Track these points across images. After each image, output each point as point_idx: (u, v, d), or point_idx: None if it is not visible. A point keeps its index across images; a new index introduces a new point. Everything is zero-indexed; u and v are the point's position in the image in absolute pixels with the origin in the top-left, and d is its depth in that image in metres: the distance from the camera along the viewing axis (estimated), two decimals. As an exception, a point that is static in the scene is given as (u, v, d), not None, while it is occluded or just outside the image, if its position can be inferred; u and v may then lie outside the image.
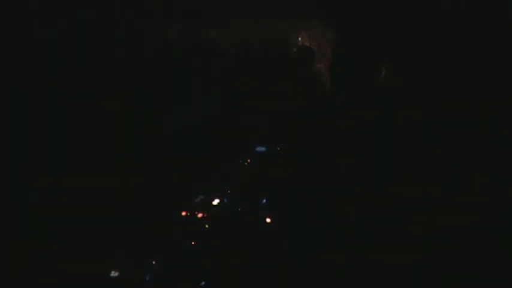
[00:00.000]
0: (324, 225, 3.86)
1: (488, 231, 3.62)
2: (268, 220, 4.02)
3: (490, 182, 3.73)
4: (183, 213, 4.09)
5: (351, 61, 4.25)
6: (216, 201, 4.15)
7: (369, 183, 3.91)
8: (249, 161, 4.47)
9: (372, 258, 3.67)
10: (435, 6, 3.99)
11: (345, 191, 3.94)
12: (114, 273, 3.69)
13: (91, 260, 3.77)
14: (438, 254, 3.62)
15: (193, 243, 3.88)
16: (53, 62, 4.61)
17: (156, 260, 3.77)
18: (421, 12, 4.01)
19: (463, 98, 3.87)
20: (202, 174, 4.31)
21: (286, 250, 3.81)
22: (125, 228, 3.88)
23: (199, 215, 4.09)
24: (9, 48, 4.43)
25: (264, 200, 4.14)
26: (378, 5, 4.14)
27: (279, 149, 4.49)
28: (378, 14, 4.13)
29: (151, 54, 4.82)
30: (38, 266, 3.63)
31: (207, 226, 4.02)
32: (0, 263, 3.60)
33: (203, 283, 3.70)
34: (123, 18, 5.02)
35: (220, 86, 4.93)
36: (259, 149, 4.51)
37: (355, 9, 4.23)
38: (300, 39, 4.91)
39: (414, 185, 3.81)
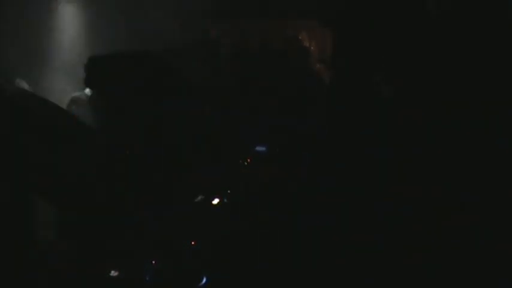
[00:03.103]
0: (324, 225, 3.86)
1: (488, 231, 3.62)
2: (267, 220, 4.02)
3: (490, 182, 3.72)
4: (184, 213, 4.09)
5: (351, 61, 4.25)
6: (216, 201, 4.15)
7: (368, 183, 3.91)
8: (249, 161, 4.47)
9: (372, 258, 3.67)
10: (435, 7, 3.99)
11: (345, 191, 3.94)
12: (114, 273, 3.69)
13: (91, 260, 3.77)
14: (438, 253, 3.62)
15: (193, 243, 3.88)
16: (51, 60, 4.63)
17: (156, 260, 3.76)
18: (421, 13, 4.01)
19: (463, 98, 3.87)
20: (202, 174, 4.31)
21: (286, 250, 3.81)
22: (125, 228, 3.88)
23: (200, 215, 4.09)
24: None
25: (264, 200, 4.14)
26: (378, 5, 4.14)
27: (278, 149, 4.49)
28: (378, 14, 4.13)
29: (151, 54, 4.82)
30: (37, 266, 3.63)
31: (207, 226, 4.02)
32: (0, 263, 3.60)
33: (203, 283, 3.70)
34: (124, 18, 5.02)
35: (220, 86, 4.93)
36: (259, 149, 4.51)
37: (355, 9, 4.23)
38: (300, 39, 4.92)
39: (414, 185, 3.81)
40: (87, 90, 4.41)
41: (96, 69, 4.55)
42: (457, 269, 3.55)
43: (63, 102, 4.43)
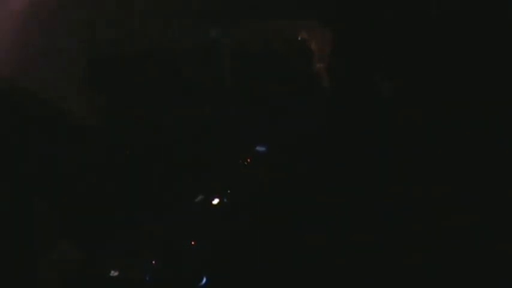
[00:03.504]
0: (324, 224, 3.86)
1: (488, 231, 3.62)
2: (268, 220, 4.02)
3: (490, 182, 3.72)
4: (184, 213, 4.09)
5: (351, 61, 4.25)
6: (216, 201, 4.15)
7: (369, 183, 3.91)
8: (249, 161, 4.47)
9: (372, 258, 3.67)
10: (436, 6, 3.99)
11: (345, 191, 3.94)
12: (114, 273, 3.69)
13: (91, 260, 3.77)
14: (438, 253, 3.62)
15: (193, 243, 3.88)
16: (51, 59, 4.61)
17: (156, 260, 3.76)
18: (421, 12, 4.01)
19: (463, 98, 3.87)
20: (201, 174, 4.31)
21: (286, 250, 3.81)
22: (125, 228, 3.88)
23: (200, 215, 4.09)
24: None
25: (264, 200, 4.14)
26: (378, 4, 4.14)
27: (278, 149, 4.49)
28: (377, 14, 4.13)
29: (151, 54, 4.82)
30: (37, 266, 3.63)
31: (207, 226, 4.02)
32: (0, 263, 3.60)
33: (203, 283, 3.70)
34: (123, 18, 5.01)
35: (220, 86, 4.92)
36: (259, 149, 4.51)
37: (355, 9, 4.23)
38: (300, 39, 4.91)
39: (414, 185, 3.81)
40: None
41: (95, 69, 4.55)
42: (457, 269, 3.55)
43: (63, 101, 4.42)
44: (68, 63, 4.92)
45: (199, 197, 4.16)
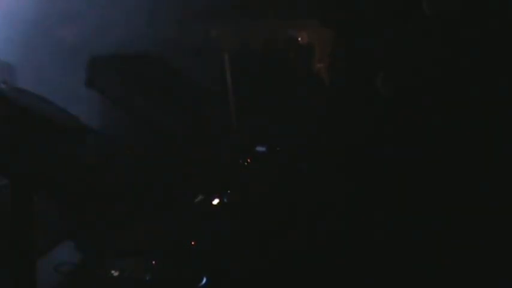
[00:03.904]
0: (324, 224, 3.86)
1: (488, 231, 3.62)
2: (267, 220, 4.02)
3: (490, 182, 3.73)
4: (184, 213, 4.09)
5: (351, 61, 4.25)
6: (216, 201, 4.15)
7: (368, 183, 3.92)
8: (249, 161, 4.48)
9: (372, 258, 3.67)
10: (435, 6, 3.99)
11: (345, 191, 3.94)
12: (114, 273, 3.69)
13: (91, 260, 3.78)
14: (438, 253, 3.63)
15: (193, 243, 3.88)
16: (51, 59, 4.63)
17: (156, 260, 3.77)
18: (421, 12, 4.01)
19: (463, 98, 3.87)
20: (202, 174, 4.31)
21: (286, 250, 3.81)
22: (125, 228, 3.88)
23: (200, 215, 4.09)
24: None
25: (264, 201, 4.14)
26: (378, 4, 4.14)
27: (278, 149, 4.49)
28: (377, 14, 4.14)
29: (151, 55, 4.83)
30: (36, 265, 3.63)
31: (207, 226, 4.02)
32: (1, 263, 3.61)
33: (203, 283, 3.70)
34: (124, 18, 5.02)
35: (220, 86, 4.93)
36: (259, 149, 4.51)
37: (356, 9, 4.23)
38: (300, 39, 4.91)
39: (414, 185, 3.81)
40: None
41: (97, 70, 4.55)
42: (457, 269, 3.55)
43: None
44: (69, 62, 4.94)
45: (199, 197, 4.17)
